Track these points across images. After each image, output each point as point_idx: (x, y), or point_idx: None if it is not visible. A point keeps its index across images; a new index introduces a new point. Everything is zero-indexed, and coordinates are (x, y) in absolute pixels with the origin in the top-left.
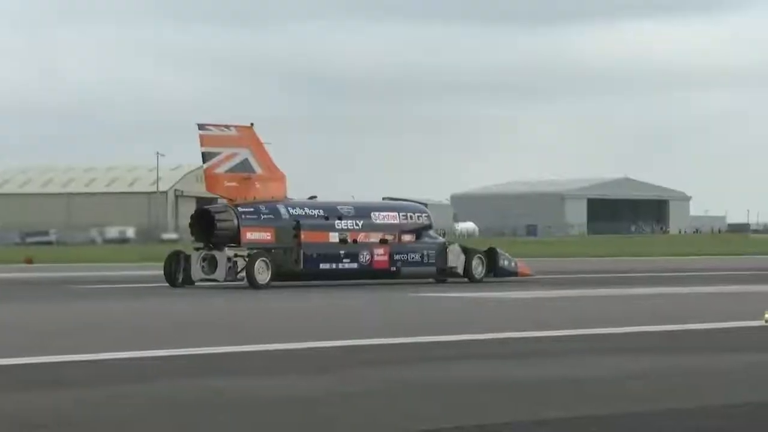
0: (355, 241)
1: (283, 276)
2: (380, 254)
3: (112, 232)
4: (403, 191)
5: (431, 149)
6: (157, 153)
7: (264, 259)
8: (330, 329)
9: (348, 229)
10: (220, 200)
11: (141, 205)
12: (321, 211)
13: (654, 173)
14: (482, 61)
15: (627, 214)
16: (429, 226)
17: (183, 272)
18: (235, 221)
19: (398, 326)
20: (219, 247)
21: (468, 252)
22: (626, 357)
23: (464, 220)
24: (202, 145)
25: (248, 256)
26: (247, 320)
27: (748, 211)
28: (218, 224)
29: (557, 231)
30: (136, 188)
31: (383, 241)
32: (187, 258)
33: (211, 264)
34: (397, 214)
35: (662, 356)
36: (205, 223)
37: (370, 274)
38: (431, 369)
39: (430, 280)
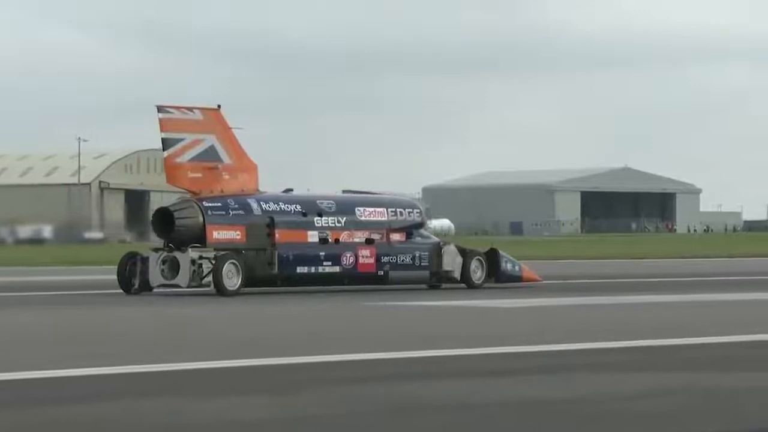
0: (337, 240)
1: (254, 281)
2: (366, 256)
3: (26, 230)
4: (365, 182)
5: (398, 134)
6: (79, 138)
7: (234, 261)
8: (312, 342)
9: (329, 227)
10: (163, 194)
11: (60, 199)
12: (298, 206)
13: (658, 163)
14: (457, 34)
15: (627, 210)
16: (421, 224)
17: (140, 276)
18: (200, 218)
19: (384, 339)
20: (181, 247)
21: (466, 254)
22: (656, 374)
23: (438, 216)
24: (161, 130)
25: (215, 258)
26: (213, 331)
27: (767, 206)
28: (178, 221)
29: (546, 229)
30: (53, 179)
31: (369, 241)
32: (144, 260)
33: (172, 267)
34: (384, 210)
35: (679, 373)
36: (165, 220)
37: (353, 279)
38: (425, 388)
39: (422, 285)
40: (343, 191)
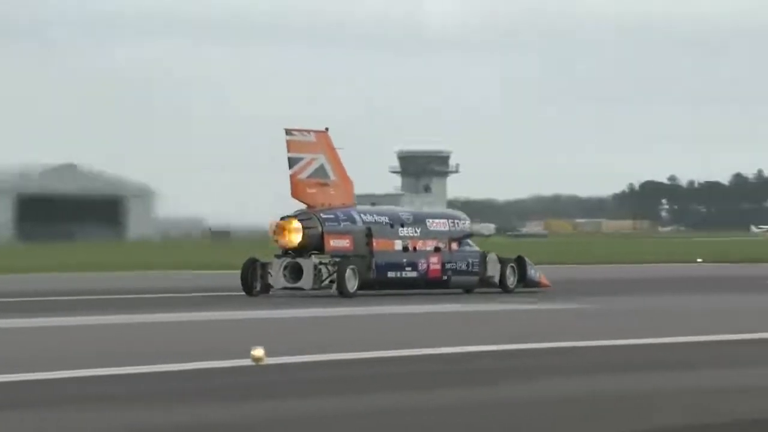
0: (414, 249)
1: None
2: (434, 263)
3: None
4: None
5: None
6: None
7: (352, 266)
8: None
9: (409, 237)
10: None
11: None
12: (386, 217)
13: (115, 160)
14: None
15: (74, 214)
16: (471, 234)
17: (260, 280)
18: (319, 228)
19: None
20: (303, 254)
21: (502, 261)
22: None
23: None
24: (289, 150)
25: (335, 263)
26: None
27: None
28: (305, 231)
29: None
30: None
31: (437, 249)
32: (264, 266)
33: (294, 272)
34: (446, 221)
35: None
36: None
37: (425, 284)
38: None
39: (459, 290)
40: None
